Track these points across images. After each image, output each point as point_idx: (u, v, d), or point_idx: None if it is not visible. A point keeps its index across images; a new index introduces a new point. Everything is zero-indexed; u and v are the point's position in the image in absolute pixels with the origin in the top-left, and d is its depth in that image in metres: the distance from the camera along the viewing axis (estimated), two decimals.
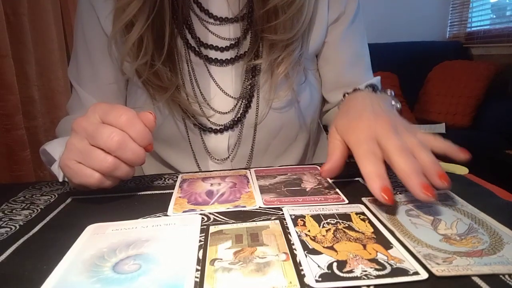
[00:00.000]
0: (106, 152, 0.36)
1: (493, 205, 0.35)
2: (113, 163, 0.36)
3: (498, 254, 0.26)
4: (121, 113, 0.37)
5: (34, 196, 0.42)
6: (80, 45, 0.59)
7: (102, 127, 0.36)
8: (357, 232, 0.30)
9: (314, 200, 0.38)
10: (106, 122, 0.37)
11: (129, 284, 0.24)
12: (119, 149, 0.36)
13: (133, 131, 0.37)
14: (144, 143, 0.38)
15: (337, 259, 0.26)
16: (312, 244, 0.28)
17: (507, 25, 2.34)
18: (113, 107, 0.37)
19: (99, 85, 0.59)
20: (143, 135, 0.37)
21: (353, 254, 0.27)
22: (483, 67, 2.10)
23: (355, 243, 0.28)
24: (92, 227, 0.33)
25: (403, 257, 0.26)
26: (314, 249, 0.28)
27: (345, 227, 0.31)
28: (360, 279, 0.24)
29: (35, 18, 1.27)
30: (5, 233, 0.33)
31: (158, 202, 0.39)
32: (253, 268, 0.26)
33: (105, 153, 0.36)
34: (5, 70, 1.15)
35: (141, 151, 0.38)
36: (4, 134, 1.19)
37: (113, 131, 0.36)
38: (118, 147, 0.36)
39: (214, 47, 0.54)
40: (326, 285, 0.23)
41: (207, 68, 0.55)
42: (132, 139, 0.37)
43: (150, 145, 0.39)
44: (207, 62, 0.54)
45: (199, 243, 0.29)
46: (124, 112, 0.37)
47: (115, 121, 0.36)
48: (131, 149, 0.37)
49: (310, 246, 0.28)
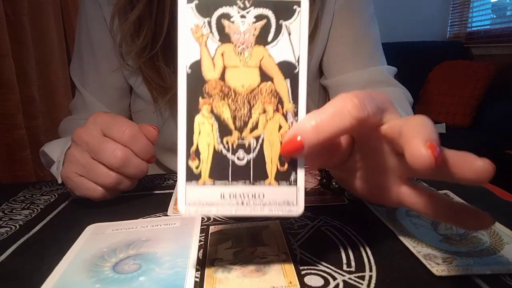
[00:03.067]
0: (109, 168, 0.36)
1: (493, 205, 0.35)
2: (116, 179, 0.36)
3: (498, 254, 0.26)
4: (124, 128, 0.36)
5: (34, 196, 0.42)
6: (84, 45, 0.58)
7: (105, 143, 0.35)
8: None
9: (314, 200, 0.38)
10: (109, 136, 0.36)
11: (129, 284, 0.24)
12: (122, 166, 0.35)
13: (136, 146, 0.36)
14: (147, 158, 0.38)
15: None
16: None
17: (508, 25, 2.34)
18: (115, 120, 0.36)
19: (104, 87, 0.59)
20: (146, 150, 0.37)
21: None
22: (483, 67, 2.10)
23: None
24: (92, 227, 0.33)
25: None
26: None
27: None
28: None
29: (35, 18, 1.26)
30: (5, 233, 0.33)
31: (158, 202, 0.39)
32: (253, 268, 0.26)
33: (108, 169, 0.36)
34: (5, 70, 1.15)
35: (144, 165, 0.38)
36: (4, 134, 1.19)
37: (116, 148, 0.35)
38: (121, 164, 0.35)
39: None
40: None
41: None
42: (135, 154, 0.36)
43: (152, 157, 0.39)
44: None
45: (199, 243, 0.29)
46: (127, 127, 0.36)
47: (118, 136, 0.36)
48: (134, 165, 0.36)
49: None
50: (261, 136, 0.23)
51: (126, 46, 0.52)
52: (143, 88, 0.56)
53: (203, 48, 0.22)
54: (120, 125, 0.36)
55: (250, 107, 0.23)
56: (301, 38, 0.22)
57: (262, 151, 0.23)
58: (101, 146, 0.35)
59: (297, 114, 0.23)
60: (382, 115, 0.23)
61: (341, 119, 0.21)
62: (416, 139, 0.19)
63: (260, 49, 0.22)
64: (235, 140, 0.23)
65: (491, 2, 2.53)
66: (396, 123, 0.22)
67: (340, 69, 0.58)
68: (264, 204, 0.23)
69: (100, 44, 0.57)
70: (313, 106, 0.63)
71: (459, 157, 0.21)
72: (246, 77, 0.22)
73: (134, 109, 0.63)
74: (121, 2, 0.49)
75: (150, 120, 0.58)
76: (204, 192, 0.23)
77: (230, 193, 0.23)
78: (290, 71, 0.22)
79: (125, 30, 0.50)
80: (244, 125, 0.23)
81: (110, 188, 0.37)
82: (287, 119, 0.23)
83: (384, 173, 0.26)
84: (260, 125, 0.23)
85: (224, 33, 0.22)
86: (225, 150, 0.23)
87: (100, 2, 0.54)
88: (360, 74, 0.56)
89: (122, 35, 0.51)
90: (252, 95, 0.23)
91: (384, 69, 0.58)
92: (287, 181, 0.23)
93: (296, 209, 0.23)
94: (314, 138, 0.21)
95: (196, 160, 0.23)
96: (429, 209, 0.24)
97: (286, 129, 0.23)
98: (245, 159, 0.23)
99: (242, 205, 0.23)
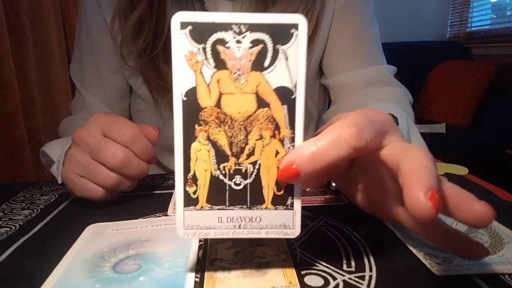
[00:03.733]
0: (110, 169, 0.36)
1: (493, 205, 0.35)
2: (117, 180, 0.36)
3: (498, 254, 0.26)
4: (124, 129, 0.36)
5: (34, 196, 0.42)
6: (84, 45, 0.58)
7: (105, 143, 0.35)
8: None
9: (314, 200, 0.38)
10: (109, 137, 0.36)
11: (129, 284, 0.24)
12: (123, 167, 0.35)
13: (137, 147, 0.36)
14: (148, 158, 0.38)
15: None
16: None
17: (508, 25, 2.34)
18: (115, 121, 0.36)
19: (104, 87, 0.59)
20: (146, 151, 0.37)
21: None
22: (483, 67, 2.10)
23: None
24: (92, 227, 0.33)
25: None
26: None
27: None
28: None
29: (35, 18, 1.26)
30: (5, 233, 0.33)
31: (158, 202, 0.39)
32: (253, 268, 0.26)
33: (108, 169, 0.36)
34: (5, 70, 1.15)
35: (145, 166, 0.37)
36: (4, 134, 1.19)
37: (117, 149, 0.35)
38: (122, 165, 0.35)
39: None
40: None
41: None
42: (136, 155, 0.36)
43: (153, 158, 0.38)
44: None
45: (199, 243, 0.29)
46: (127, 128, 0.36)
47: (118, 137, 0.36)
48: (134, 166, 0.36)
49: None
50: (258, 161, 0.23)
51: (126, 47, 0.52)
52: (143, 88, 0.56)
53: (198, 75, 0.22)
54: (121, 125, 0.36)
55: (246, 133, 0.22)
56: (298, 62, 0.22)
57: (259, 176, 0.23)
58: (101, 147, 0.35)
59: (294, 140, 0.22)
60: (382, 138, 0.23)
61: (338, 148, 0.21)
62: (416, 188, 0.19)
63: (257, 75, 0.22)
64: (232, 166, 0.23)
65: (491, 2, 2.53)
66: (396, 154, 0.22)
67: (340, 69, 0.58)
68: (261, 227, 0.23)
69: (100, 44, 0.57)
70: (313, 106, 0.63)
71: (459, 199, 0.20)
72: (242, 103, 0.22)
73: (134, 109, 0.63)
74: (122, 3, 0.49)
75: (150, 121, 0.58)
76: (202, 216, 0.23)
77: (228, 217, 0.23)
78: (287, 97, 0.22)
79: (125, 31, 0.50)
80: (241, 151, 0.23)
81: (110, 189, 0.37)
82: (284, 145, 0.23)
83: (383, 191, 0.26)
84: (257, 151, 0.23)
85: (219, 59, 0.22)
86: (222, 176, 0.23)
87: (100, 2, 0.54)
88: (360, 74, 0.56)
89: (123, 36, 0.51)
90: (249, 121, 0.22)
91: (384, 68, 0.58)
92: (284, 205, 0.23)
93: (292, 232, 0.23)
94: (310, 167, 0.21)
95: (193, 186, 0.23)
96: (426, 234, 0.24)
97: (283, 154, 0.23)
98: (242, 184, 0.23)
99: (239, 229, 0.23)
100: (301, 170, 0.21)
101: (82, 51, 0.59)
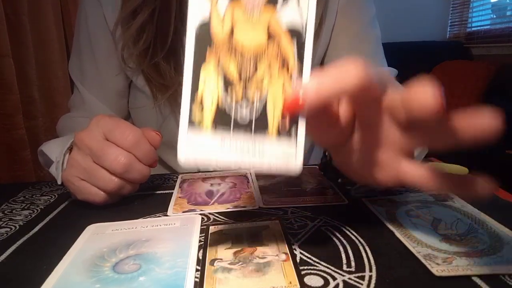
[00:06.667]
0: (111, 173, 0.36)
1: (493, 206, 0.35)
2: (119, 184, 0.36)
3: (498, 254, 0.26)
4: (127, 133, 0.36)
5: (34, 196, 0.42)
6: (83, 43, 0.58)
7: (108, 147, 0.35)
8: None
9: (314, 200, 0.38)
10: (111, 141, 0.36)
11: (129, 284, 0.24)
12: (125, 171, 0.35)
13: (139, 152, 0.36)
14: (150, 163, 0.38)
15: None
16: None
17: (508, 25, 2.34)
18: (118, 124, 0.36)
19: (103, 86, 0.59)
20: (149, 155, 0.37)
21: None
22: (483, 67, 2.10)
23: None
24: (92, 227, 0.33)
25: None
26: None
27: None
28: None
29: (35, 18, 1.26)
30: (5, 233, 0.33)
31: (158, 202, 0.39)
32: (253, 268, 0.26)
33: (110, 174, 0.36)
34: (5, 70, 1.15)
35: (147, 170, 0.37)
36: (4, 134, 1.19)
37: (119, 154, 0.35)
38: (124, 170, 0.35)
39: None
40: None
41: None
42: (138, 159, 0.36)
43: (155, 161, 0.38)
44: None
45: (199, 243, 0.29)
46: (130, 132, 0.36)
47: (121, 141, 0.35)
48: (137, 170, 0.36)
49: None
50: (265, 92, 0.23)
51: (127, 50, 0.52)
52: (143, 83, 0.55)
53: (213, 6, 0.23)
54: (123, 129, 0.36)
55: (256, 64, 0.23)
56: (310, 1, 0.23)
57: (265, 106, 0.23)
58: (103, 151, 0.35)
59: (301, 74, 0.23)
60: (383, 86, 0.23)
61: (344, 80, 0.21)
62: (420, 84, 0.20)
63: (269, 10, 0.23)
64: (239, 93, 0.23)
65: (491, 2, 2.53)
66: (398, 93, 0.22)
67: None
68: (263, 159, 0.23)
69: (99, 41, 0.57)
70: None
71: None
72: (254, 36, 0.23)
73: (133, 105, 0.62)
74: (125, 12, 0.49)
75: (150, 117, 0.57)
76: (205, 141, 0.23)
77: (231, 144, 0.23)
78: (297, 33, 0.23)
79: (127, 37, 0.50)
80: (249, 80, 0.23)
81: (112, 193, 0.37)
82: (292, 79, 0.23)
83: (384, 148, 0.26)
84: (265, 82, 0.23)
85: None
86: (228, 102, 0.23)
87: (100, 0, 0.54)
88: None
89: (125, 41, 0.51)
90: (259, 54, 0.23)
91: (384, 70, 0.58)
92: (288, 136, 0.23)
93: (294, 165, 0.23)
94: (315, 97, 0.21)
95: (199, 108, 0.23)
96: (430, 182, 0.24)
97: (290, 87, 0.23)
98: (248, 112, 0.23)
99: (242, 157, 0.23)
100: (307, 101, 0.21)
101: (81, 48, 0.59)
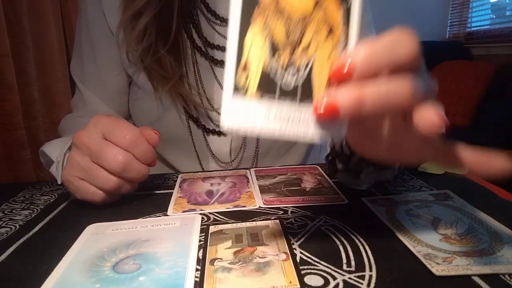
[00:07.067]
0: (110, 172, 0.36)
1: (493, 205, 0.35)
2: (117, 183, 0.36)
3: (498, 254, 0.26)
4: (125, 132, 0.36)
5: (34, 196, 0.42)
6: (84, 43, 0.58)
7: (106, 147, 0.35)
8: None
9: (314, 200, 0.38)
10: (110, 140, 0.36)
11: (129, 284, 0.24)
12: (123, 171, 0.36)
13: (137, 151, 0.36)
14: (148, 162, 0.38)
15: None
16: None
17: (507, 25, 2.34)
18: (116, 124, 0.36)
19: (104, 85, 0.59)
20: (147, 155, 0.37)
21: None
22: (483, 67, 2.10)
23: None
24: (92, 227, 0.33)
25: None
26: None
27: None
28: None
29: (35, 18, 1.26)
30: (5, 233, 0.33)
31: (158, 202, 0.39)
32: (253, 268, 0.26)
33: (108, 173, 0.36)
34: (5, 70, 1.15)
35: (146, 169, 0.38)
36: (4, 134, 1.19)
37: (117, 153, 0.35)
38: (123, 169, 0.35)
39: (221, 48, 0.54)
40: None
41: (212, 70, 0.55)
42: (137, 158, 0.36)
43: (153, 160, 0.39)
44: (212, 64, 0.54)
45: (199, 243, 0.29)
46: (128, 131, 0.36)
47: (119, 140, 0.36)
48: (135, 169, 0.36)
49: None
50: (312, 58, 0.22)
51: (131, 49, 0.52)
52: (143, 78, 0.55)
53: None
54: (122, 129, 0.36)
55: (303, 29, 0.22)
56: None
57: (311, 72, 0.22)
58: (102, 150, 0.35)
59: (349, 41, 0.22)
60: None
61: (397, 49, 0.21)
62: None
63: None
64: (286, 58, 0.22)
65: (490, 2, 2.53)
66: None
67: None
68: (308, 126, 0.22)
69: (100, 41, 0.57)
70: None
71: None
72: (301, 2, 0.22)
73: (134, 97, 0.62)
74: (128, 14, 0.49)
75: (150, 109, 0.57)
76: (249, 107, 0.22)
77: (276, 113, 0.22)
78: (345, 1, 0.22)
79: (131, 38, 0.50)
80: (296, 45, 0.22)
81: (110, 192, 0.37)
82: (339, 45, 0.22)
83: (408, 127, 0.24)
84: (312, 47, 0.22)
85: None
86: (275, 66, 0.22)
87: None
88: None
89: (128, 43, 0.51)
90: (306, 18, 0.22)
91: None
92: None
93: (338, 134, 0.23)
94: (365, 65, 0.21)
95: (245, 72, 0.22)
96: (457, 160, 0.25)
97: (337, 54, 0.22)
98: (294, 78, 0.22)
99: (287, 126, 0.22)
100: (356, 68, 0.21)
101: (82, 48, 0.59)
